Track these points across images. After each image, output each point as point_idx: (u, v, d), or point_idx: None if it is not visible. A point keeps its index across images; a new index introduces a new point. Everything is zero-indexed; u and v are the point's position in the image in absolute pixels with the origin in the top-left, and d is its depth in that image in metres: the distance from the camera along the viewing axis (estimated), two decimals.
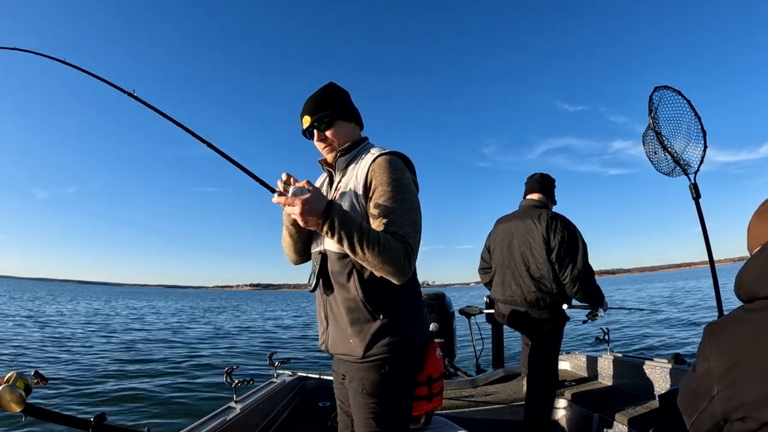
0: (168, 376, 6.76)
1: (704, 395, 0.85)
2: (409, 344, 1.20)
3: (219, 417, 1.96)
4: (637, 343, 8.64)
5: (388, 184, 1.14)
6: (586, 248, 2.36)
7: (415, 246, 1.12)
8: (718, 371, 0.81)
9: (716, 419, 0.83)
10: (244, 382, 2.18)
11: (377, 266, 1.07)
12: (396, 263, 1.07)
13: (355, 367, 1.21)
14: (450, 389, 3.16)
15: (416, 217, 1.15)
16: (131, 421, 4.52)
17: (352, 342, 1.19)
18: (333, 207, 1.06)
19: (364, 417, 1.20)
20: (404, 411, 1.25)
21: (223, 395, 5.20)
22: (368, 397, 1.18)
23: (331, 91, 1.32)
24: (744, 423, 0.78)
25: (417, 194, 1.22)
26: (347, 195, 1.22)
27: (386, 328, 1.17)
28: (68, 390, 5.69)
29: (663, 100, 2.58)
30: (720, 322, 0.88)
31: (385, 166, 1.17)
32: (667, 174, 2.62)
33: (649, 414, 2.38)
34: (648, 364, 2.77)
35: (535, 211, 2.47)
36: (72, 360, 8.00)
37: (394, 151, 1.24)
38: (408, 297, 1.24)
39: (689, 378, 0.93)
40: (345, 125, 1.30)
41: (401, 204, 1.13)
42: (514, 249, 2.49)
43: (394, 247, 1.07)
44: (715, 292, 2.45)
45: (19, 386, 1.17)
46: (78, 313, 20.59)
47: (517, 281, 2.45)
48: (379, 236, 1.07)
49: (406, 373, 1.23)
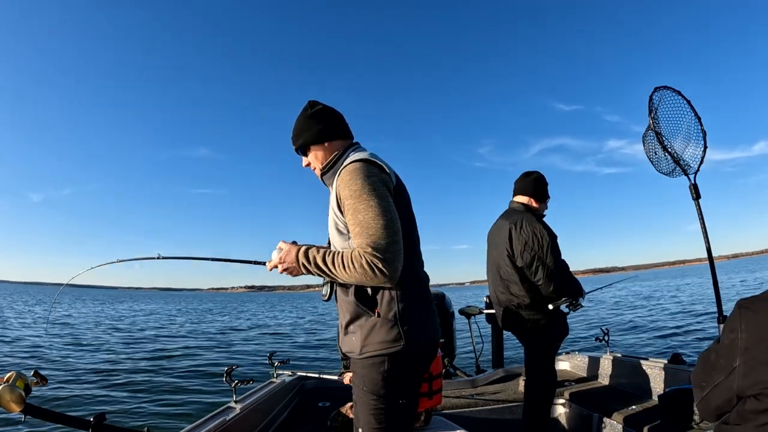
0: (168, 377, 6.76)
1: (723, 368, 0.85)
2: (409, 343, 1.21)
3: (219, 417, 1.96)
4: (637, 343, 8.64)
5: (350, 197, 1.20)
6: (555, 245, 2.34)
7: (386, 249, 1.13)
8: (744, 344, 0.82)
9: (731, 394, 0.84)
10: (243, 382, 2.18)
11: (353, 282, 1.19)
12: (363, 276, 1.14)
13: (358, 363, 1.26)
14: (450, 389, 3.16)
15: (384, 219, 1.15)
16: (131, 421, 4.52)
17: (353, 339, 1.26)
18: (299, 254, 1.24)
19: (364, 414, 1.24)
20: (404, 410, 1.26)
21: (222, 395, 5.20)
22: (368, 394, 1.23)
23: (302, 117, 1.42)
24: (758, 401, 0.78)
25: (384, 192, 1.21)
26: (330, 214, 1.32)
27: (384, 326, 1.20)
28: (68, 390, 5.69)
29: (663, 101, 2.58)
30: (753, 297, 0.88)
31: (346, 180, 1.22)
32: (667, 174, 2.62)
33: (648, 414, 2.38)
34: (647, 364, 2.77)
35: (514, 215, 2.47)
36: (72, 360, 8.00)
37: (356, 159, 1.26)
38: (409, 296, 1.25)
39: (709, 351, 0.93)
40: (319, 149, 1.39)
41: (365, 213, 1.16)
42: (491, 253, 2.57)
43: (356, 263, 1.14)
44: (714, 290, 2.46)
45: (18, 386, 1.17)
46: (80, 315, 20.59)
47: (495, 284, 2.52)
48: (343, 259, 1.17)
49: (407, 373, 1.25)
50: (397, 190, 1.30)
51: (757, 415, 0.79)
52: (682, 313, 13.15)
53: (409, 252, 1.28)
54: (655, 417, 2.31)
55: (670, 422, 2.20)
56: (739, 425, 0.83)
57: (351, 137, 1.44)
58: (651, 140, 2.64)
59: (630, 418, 2.35)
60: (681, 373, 2.52)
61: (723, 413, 0.88)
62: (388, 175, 1.28)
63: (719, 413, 0.89)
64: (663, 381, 2.62)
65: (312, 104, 1.43)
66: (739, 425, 0.83)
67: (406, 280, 1.24)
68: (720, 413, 0.89)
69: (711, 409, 0.90)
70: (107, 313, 23.44)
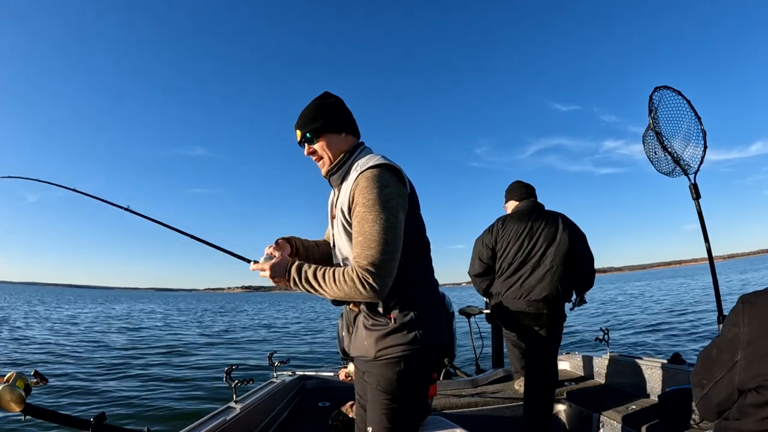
0: (168, 376, 6.76)
1: (725, 362, 0.86)
2: (424, 344, 1.22)
3: (219, 417, 1.96)
4: (637, 343, 8.65)
5: (364, 204, 1.16)
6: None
7: (381, 265, 1.11)
8: (746, 338, 0.82)
9: (732, 388, 0.84)
10: (243, 382, 2.18)
11: (340, 298, 1.17)
12: (353, 291, 1.12)
13: (372, 365, 1.27)
14: (450, 389, 3.17)
15: (388, 236, 1.13)
16: (131, 421, 4.52)
17: (366, 344, 1.27)
18: (292, 269, 1.20)
19: (377, 413, 1.25)
20: (417, 410, 1.28)
21: (222, 395, 5.20)
22: (382, 393, 1.24)
23: (319, 102, 1.33)
24: (759, 394, 0.79)
25: (397, 207, 1.18)
26: (338, 217, 1.27)
27: (400, 331, 1.22)
28: (68, 390, 5.69)
29: (663, 101, 2.58)
30: (755, 292, 0.89)
31: (364, 185, 1.17)
32: (667, 174, 2.63)
33: (648, 414, 2.38)
34: (647, 364, 2.77)
35: (547, 212, 2.54)
36: (72, 359, 7.99)
37: (379, 164, 1.21)
38: (424, 300, 1.27)
39: (709, 348, 0.93)
40: (334, 137, 1.31)
41: (372, 226, 1.13)
42: (536, 247, 2.47)
43: (347, 278, 1.13)
44: (714, 289, 2.46)
45: (18, 386, 1.17)
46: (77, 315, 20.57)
47: (540, 279, 2.42)
48: (334, 275, 1.15)
49: (420, 373, 1.26)
50: (411, 197, 1.27)
51: (757, 408, 0.79)
52: (682, 312, 13.16)
53: (423, 257, 1.30)
54: (655, 417, 2.31)
55: (671, 422, 2.20)
56: (739, 420, 0.83)
57: (359, 136, 1.40)
58: (651, 140, 2.64)
59: (630, 418, 2.35)
60: (681, 373, 2.52)
61: (724, 410, 0.89)
62: (404, 184, 1.24)
63: (720, 410, 0.89)
64: (663, 381, 2.62)
65: (329, 94, 1.37)
66: (740, 420, 0.83)
67: (420, 284, 1.27)
68: (721, 410, 0.89)
69: (712, 406, 0.90)
70: (108, 313, 23.43)
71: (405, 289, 1.21)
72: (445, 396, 3.01)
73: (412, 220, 1.24)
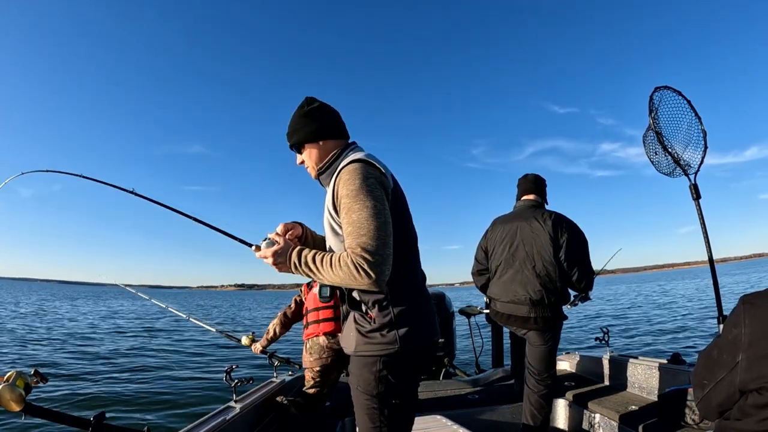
0: (168, 376, 6.76)
1: (726, 363, 0.85)
2: (404, 346, 1.21)
3: (219, 417, 1.97)
4: (637, 343, 8.65)
5: (347, 196, 1.18)
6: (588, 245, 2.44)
7: (375, 251, 1.11)
8: (747, 339, 0.82)
9: (733, 389, 0.84)
10: (243, 382, 2.18)
11: (337, 284, 1.17)
12: (348, 277, 1.12)
13: (353, 361, 1.29)
14: (450, 389, 3.17)
15: (377, 221, 1.14)
16: (130, 421, 4.52)
17: (350, 335, 1.29)
18: (293, 253, 1.22)
19: (359, 413, 1.26)
20: (399, 410, 1.26)
21: (222, 395, 5.20)
22: (362, 393, 1.25)
23: (298, 113, 1.38)
24: (760, 395, 0.79)
25: (381, 194, 1.20)
26: (325, 214, 1.31)
27: (379, 331, 1.22)
28: (68, 389, 5.68)
29: (663, 101, 2.58)
30: (756, 293, 0.89)
31: (345, 179, 1.20)
32: (667, 174, 2.62)
33: (648, 414, 2.38)
34: (647, 364, 2.77)
35: (537, 211, 2.47)
36: (72, 359, 7.99)
37: (355, 159, 1.25)
38: (405, 299, 1.25)
39: (710, 348, 0.93)
40: (313, 148, 1.36)
41: (359, 214, 1.15)
42: (518, 249, 2.47)
43: (343, 263, 1.13)
44: (714, 290, 2.46)
45: (18, 385, 1.17)
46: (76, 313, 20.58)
47: (522, 281, 2.42)
48: (331, 260, 1.16)
49: (402, 374, 1.24)
50: (394, 192, 1.28)
51: (758, 409, 0.79)
52: (682, 313, 13.16)
53: (406, 254, 1.27)
54: (655, 417, 2.31)
55: (671, 422, 2.20)
56: (740, 420, 0.83)
57: (347, 137, 1.41)
58: (651, 140, 2.64)
59: (630, 418, 2.35)
60: (681, 373, 2.52)
61: (725, 410, 0.88)
62: (386, 177, 1.26)
63: (721, 410, 0.89)
64: (663, 381, 2.62)
65: (309, 101, 1.39)
66: (740, 420, 0.83)
67: (401, 283, 1.24)
68: (722, 410, 0.89)
69: (713, 406, 0.90)
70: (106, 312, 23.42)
71: (387, 287, 1.19)
72: (445, 396, 3.01)
73: (396, 218, 1.23)
